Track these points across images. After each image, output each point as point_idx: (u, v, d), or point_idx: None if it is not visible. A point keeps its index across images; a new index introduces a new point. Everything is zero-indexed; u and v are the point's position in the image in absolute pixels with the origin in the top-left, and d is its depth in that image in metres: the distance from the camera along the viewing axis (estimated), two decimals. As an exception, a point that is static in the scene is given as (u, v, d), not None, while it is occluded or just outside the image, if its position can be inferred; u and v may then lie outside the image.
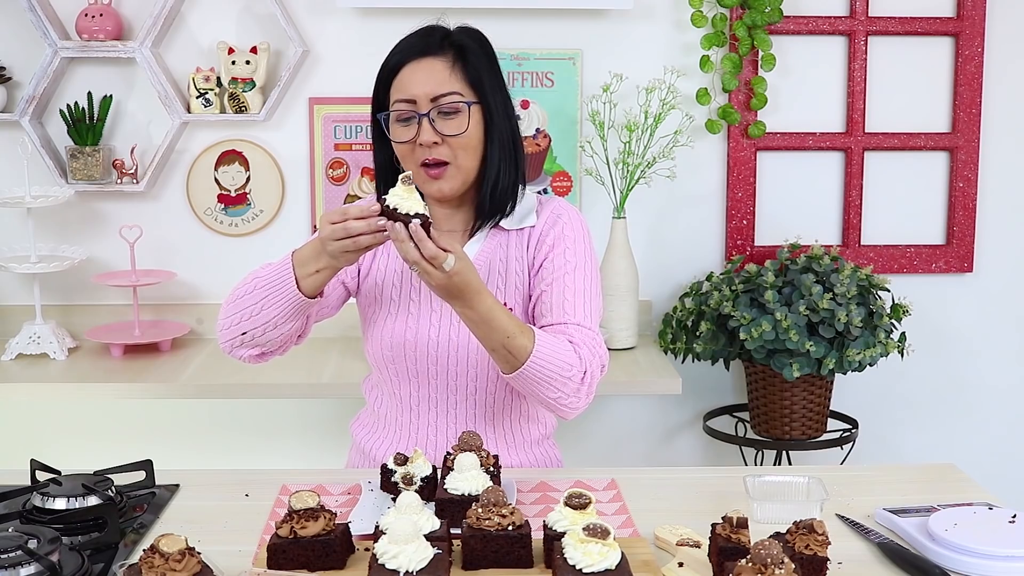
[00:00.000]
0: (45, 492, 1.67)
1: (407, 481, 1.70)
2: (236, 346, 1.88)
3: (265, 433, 3.12)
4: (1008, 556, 1.49)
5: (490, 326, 1.74)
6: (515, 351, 1.75)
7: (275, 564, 1.46)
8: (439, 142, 1.83)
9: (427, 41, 1.87)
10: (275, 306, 1.81)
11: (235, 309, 1.85)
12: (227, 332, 1.87)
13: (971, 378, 3.25)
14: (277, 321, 1.83)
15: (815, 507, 1.63)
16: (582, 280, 1.89)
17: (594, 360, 1.82)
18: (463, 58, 1.87)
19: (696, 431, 3.21)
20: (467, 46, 1.88)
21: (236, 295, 1.86)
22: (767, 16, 2.98)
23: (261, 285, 1.82)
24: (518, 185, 1.93)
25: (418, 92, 1.84)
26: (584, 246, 1.93)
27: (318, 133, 3.03)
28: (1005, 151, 3.16)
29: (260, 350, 1.89)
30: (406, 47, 1.88)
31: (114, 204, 3.05)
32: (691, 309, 2.95)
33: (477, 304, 1.72)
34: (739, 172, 3.10)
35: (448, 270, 1.66)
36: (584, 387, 1.81)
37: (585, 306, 1.88)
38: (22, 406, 3.07)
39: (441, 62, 1.86)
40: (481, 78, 1.87)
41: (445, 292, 1.71)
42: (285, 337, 1.87)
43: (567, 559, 1.40)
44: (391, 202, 1.66)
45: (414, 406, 1.96)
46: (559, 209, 1.96)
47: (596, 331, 1.87)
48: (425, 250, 1.64)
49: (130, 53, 2.90)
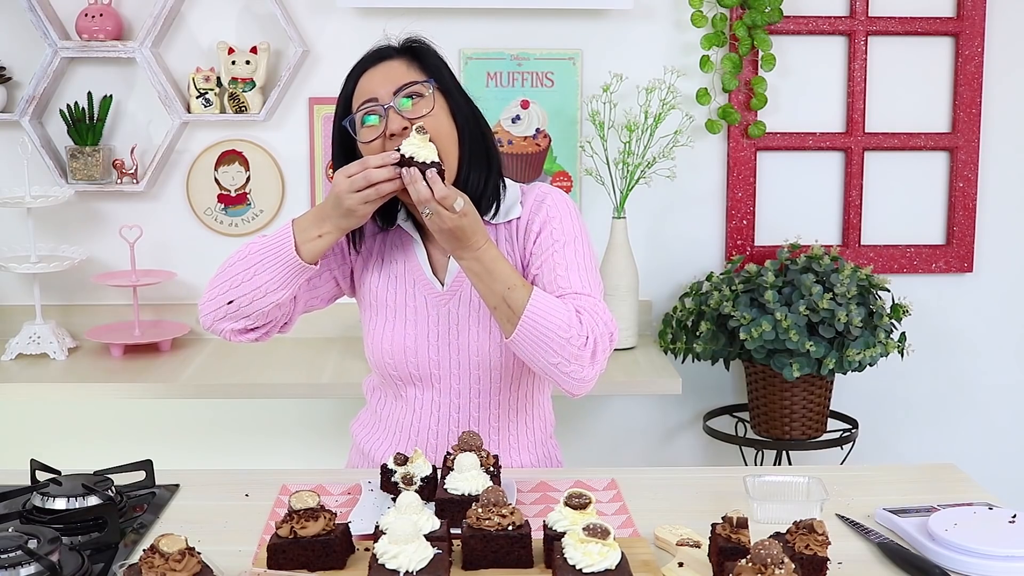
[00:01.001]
0: (45, 492, 1.67)
1: (407, 481, 1.70)
2: (219, 318, 1.84)
3: (265, 433, 3.12)
4: (1008, 556, 1.48)
5: (493, 276, 1.75)
6: (514, 304, 1.74)
7: (275, 564, 1.46)
8: (408, 127, 1.82)
9: (380, 51, 1.89)
10: (268, 271, 1.79)
11: (224, 278, 1.83)
12: (212, 303, 1.84)
13: (971, 378, 3.26)
14: (268, 288, 1.79)
15: (815, 507, 1.63)
16: (573, 254, 1.87)
17: (597, 327, 1.77)
18: (417, 56, 1.88)
19: (696, 431, 3.21)
20: (419, 48, 1.90)
21: (227, 263, 1.84)
22: (767, 16, 2.98)
23: (255, 250, 1.81)
24: (495, 182, 1.90)
25: (379, 90, 1.83)
26: (572, 222, 1.90)
27: (318, 133, 3.03)
28: (1005, 151, 3.17)
29: (244, 323, 1.84)
30: (362, 60, 1.89)
31: (114, 204, 3.05)
32: (691, 309, 2.95)
33: (483, 253, 1.75)
34: (739, 172, 3.10)
35: (459, 210, 1.70)
36: (586, 353, 1.75)
37: (582, 276, 1.84)
38: (22, 406, 3.08)
39: (397, 61, 1.87)
40: (440, 69, 1.88)
41: (453, 238, 1.73)
42: (271, 309, 1.83)
43: (567, 559, 1.39)
44: (407, 151, 1.73)
45: (416, 407, 1.96)
46: (541, 194, 1.93)
47: (599, 299, 1.83)
48: (437, 191, 1.70)
49: (130, 53, 2.90)
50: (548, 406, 2.06)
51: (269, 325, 1.88)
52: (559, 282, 1.83)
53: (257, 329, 1.88)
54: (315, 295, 1.95)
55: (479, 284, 1.77)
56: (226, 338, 1.89)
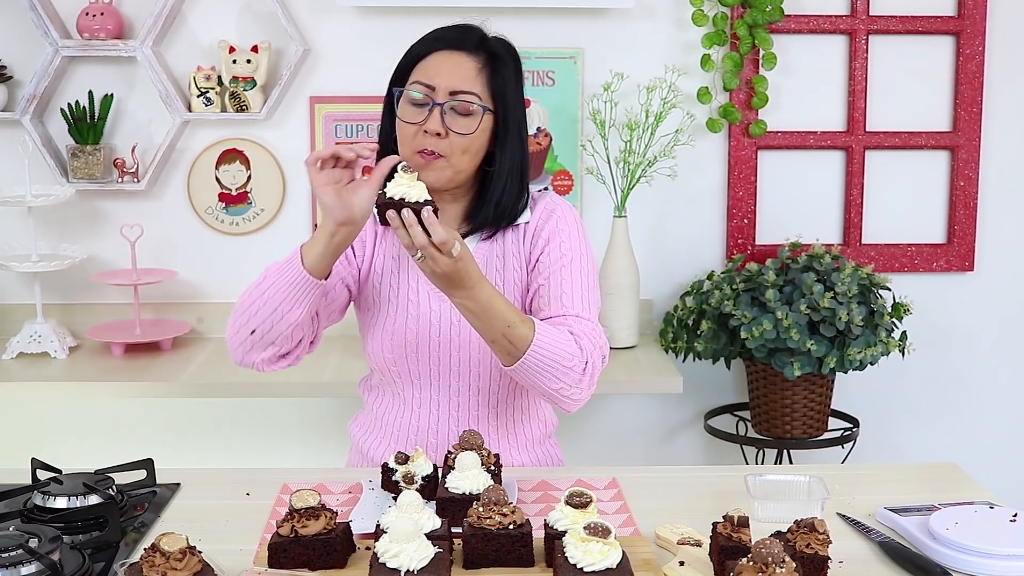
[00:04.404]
0: (46, 491, 1.67)
1: (408, 480, 1.70)
2: (247, 350, 1.82)
3: (266, 432, 3.12)
4: (1009, 555, 1.49)
5: (490, 315, 1.73)
6: (515, 340, 1.74)
7: (276, 563, 1.46)
8: (443, 135, 1.82)
9: (464, 37, 1.87)
10: (281, 292, 1.77)
11: (242, 309, 1.81)
12: (236, 337, 1.82)
13: (972, 377, 3.25)
14: (284, 308, 1.77)
15: (816, 506, 1.63)
16: (579, 272, 1.89)
17: (595, 351, 1.81)
18: (493, 65, 1.86)
19: (697, 430, 3.21)
20: (500, 55, 1.88)
21: (242, 296, 1.83)
22: (768, 15, 2.98)
23: (266, 277, 1.80)
24: (521, 203, 1.93)
25: (440, 81, 1.82)
26: (579, 239, 1.93)
27: (319, 132, 3.03)
28: (1006, 150, 3.16)
29: (272, 351, 1.82)
30: (442, 36, 1.87)
31: (115, 203, 3.05)
32: (692, 308, 2.95)
33: (478, 292, 1.71)
34: (740, 171, 3.10)
35: (456, 255, 1.65)
36: (586, 378, 1.80)
37: (583, 298, 1.87)
38: (23, 405, 3.08)
39: (472, 61, 1.85)
40: (505, 91, 1.86)
41: (447, 281, 1.69)
42: (294, 331, 1.80)
43: (568, 558, 1.39)
44: (396, 193, 1.64)
45: (416, 407, 1.96)
46: (552, 204, 1.95)
47: (595, 322, 1.87)
48: (435, 235, 1.63)
49: (131, 52, 2.90)
50: (548, 406, 2.06)
51: (297, 347, 1.86)
52: (563, 300, 1.85)
53: (288, 355, 1.86)
54: (332, 308, 1.93)
55: (475, 321, 1.75)
56: (259, 369, 1.86)
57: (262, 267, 1.84)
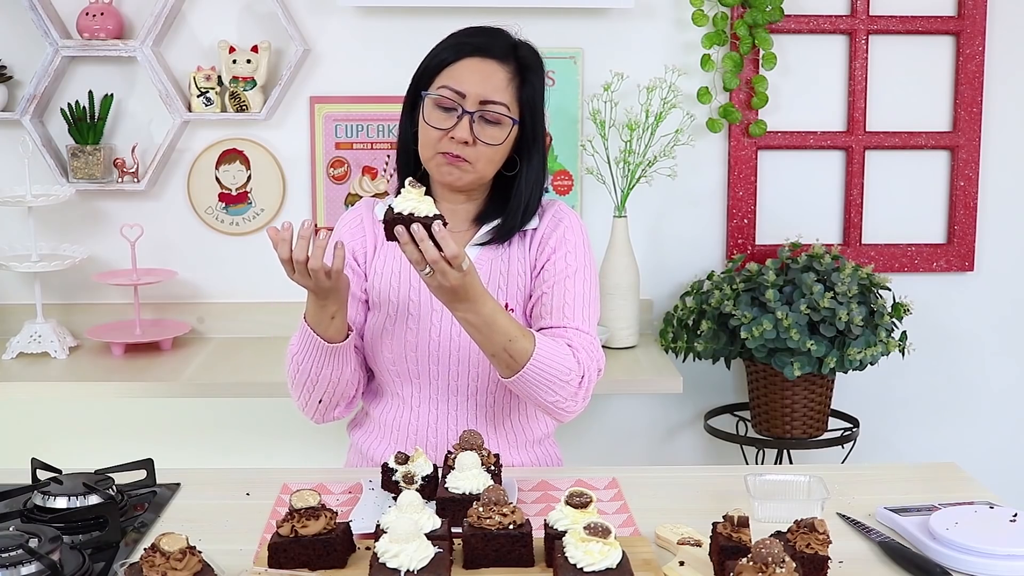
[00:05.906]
0: (46, 491, 1.67)
1: (408, 480, 1.70)
2: (323, 414, 1.94)
3: (266, 432, 3.12)
4: (1009, 555, 1.48)
5: (492, 329, 1.75)
6: (516, 354, 1.76)
7: (276, 563, 1.46)
8: (470, 143, 1.83)
9: (494, 43, 1.88)
10: (325, 366, 1.84)
11: (299, 387, 1.89)
12: (309, 409, 1.93)
13: (972, 377, 3.25)
14: (334, 376, 1.86)
15: (816, 506, 1.63)
16: (582, 284, 1.91)
17: (592, 364, 1.84)
18: (523, 75, 1.88)
19: (697, 430, 3.21)
20: (531, 66, 1.89)
21: (291, 378, 1.90)
22: (768, 15, 2.98)
23: (300, 361, 1.85)
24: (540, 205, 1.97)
25: (471, 89, 1.83)
26: (584, 250, 1.95)
27: (319, 132, 3.03)
28: (1006, 150, 3.16)
29: (344, 402, 1.94)
30: (472, 40, 1.88)
31: (115, 203, 3.05)
32: (692, 308, 2.95)
33: (481, 307, 1.73)
34: (740, 171, 3.10)
35: (466, 269, 1.67)
36: (581, 391, 1.83)
37: (584, 311, 1.90)
38: (23, 405, 3.08)
39: (503, 71, 1.86)
40: (534, 101, 1.88)
41: (453, 295, 1.70)
42: (354, 379, 1.92)
43: (568, 558, 1.39)
44: (404, 208, 1.65)
45: (415, 407, 1.97)
46: (560, 213, 1.97)
47: (594, 336, 1.89)
48: (448, 249, 1.64)
49: (131, 52, 2.90)
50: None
51: (359, 385, 1.97)
52: (565, 311, 1.88)
53: (356, 396, 1.98)
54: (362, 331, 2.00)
55: (476, 335, 1.77)
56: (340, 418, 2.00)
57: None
